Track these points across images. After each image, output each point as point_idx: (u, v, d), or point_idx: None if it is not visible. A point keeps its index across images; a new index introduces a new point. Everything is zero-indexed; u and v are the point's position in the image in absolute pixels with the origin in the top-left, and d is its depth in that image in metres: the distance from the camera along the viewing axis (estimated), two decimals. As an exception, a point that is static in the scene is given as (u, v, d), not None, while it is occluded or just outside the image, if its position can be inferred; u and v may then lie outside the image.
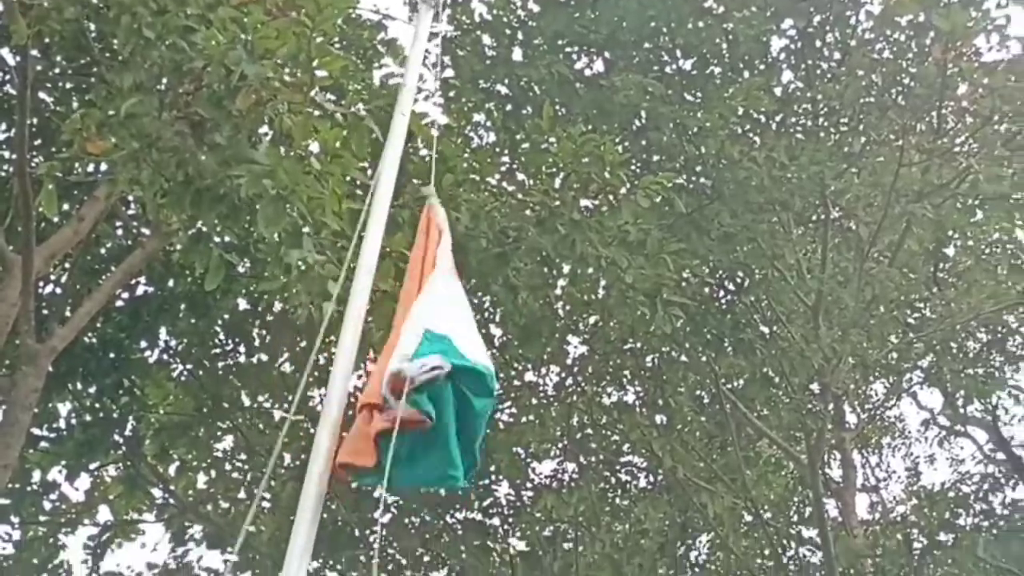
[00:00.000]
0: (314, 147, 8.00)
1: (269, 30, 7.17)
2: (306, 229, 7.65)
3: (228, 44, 7.02)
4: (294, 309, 8.52)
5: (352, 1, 9.80)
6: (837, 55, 13.04)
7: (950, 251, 14.79)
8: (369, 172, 7.91)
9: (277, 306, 12.85)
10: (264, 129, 8.12)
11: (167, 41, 7.32)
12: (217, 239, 9.48)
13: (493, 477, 14.44)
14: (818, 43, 12.90)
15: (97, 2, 8.17)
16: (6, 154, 12.01)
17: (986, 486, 17.83)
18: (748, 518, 14.71)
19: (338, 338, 4.16)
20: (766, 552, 15.22)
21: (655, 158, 12.82)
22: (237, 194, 7.45)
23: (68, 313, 11.27)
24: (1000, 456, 17.82)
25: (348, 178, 7.98)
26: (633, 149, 12.25)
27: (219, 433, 14.28)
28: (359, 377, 7.07)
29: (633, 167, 11.84)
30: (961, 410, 17.35)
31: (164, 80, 7.68)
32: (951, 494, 17.76)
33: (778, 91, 13.00)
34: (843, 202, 12.67)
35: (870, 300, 12.83)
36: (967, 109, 12.74)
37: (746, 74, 12.90)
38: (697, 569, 16.52)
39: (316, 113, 7.74)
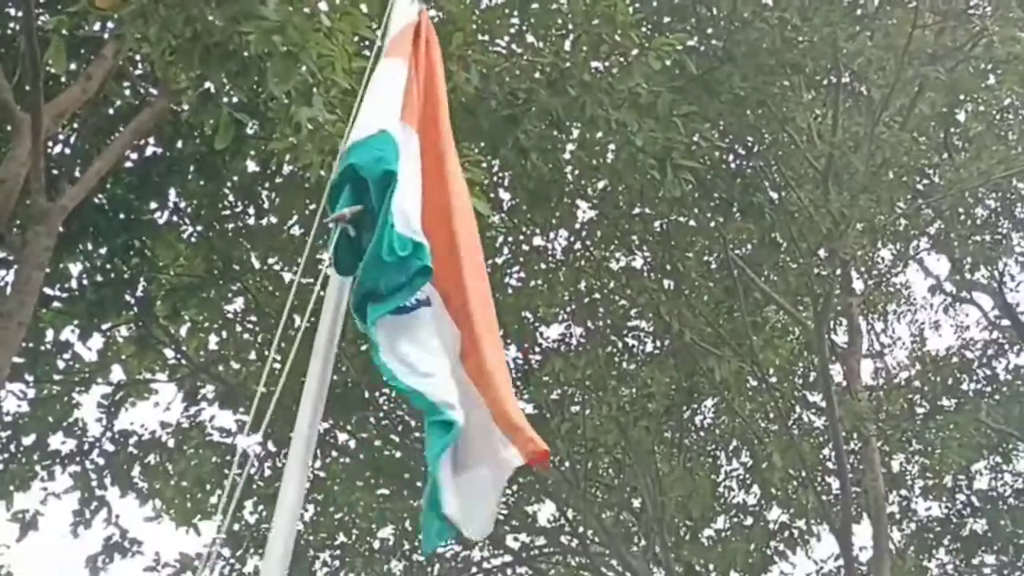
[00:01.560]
0: (323, 5, 7.94)
1: None
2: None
3: None
4: (304, 170, 8.49)
5: None
6: (853, -87, 12.72)
7: (961, 116, 14.71)
8: (378, 31, 7.86)
9: (287, 168, 12.83)
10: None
11: None
12: (226, 99, 9.46)
13: (502, 341, 14.51)
14: (834, -100, 12.56)
15: None
16: (12, 11, 11.90)
17: (990, 352, 18.10)
18: (754, 382, 14.83)
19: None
20: (771, 416, 15.40)
21: (666, 19, 12.64)
22: (246, 51, 7.42)
23: (78, 173, 11.27)
24: (1005, 322, 18.00)
25: (357, 37, 7.93)
26: (644, 10, 12.03)
27: (230, 295, 14.37)
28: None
29: (644, 28, 11.63)
30: (968, 276, 17.46)
31: (171, -67, 7.49)
32: (955, 360, 17.99)
33: (792, -50, 12.74)
34: (855, 65, 12.55)
35: (880, 165, 12.76)
36: (984, -31, 12.61)
37: (760, -69, 12.63)
38: (702, 432, 16.75)
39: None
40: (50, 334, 13.64)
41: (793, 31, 11.63)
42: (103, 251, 12.99)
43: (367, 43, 8.55)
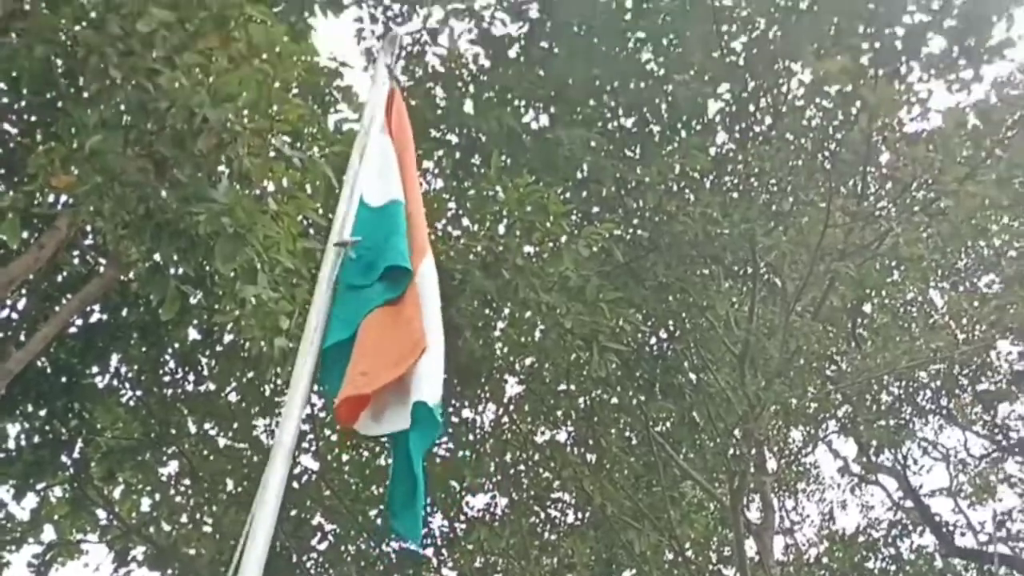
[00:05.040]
0: (270, 187, 8.38)
1: (232, 77, 7.44)
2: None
3: (192, 88, 7.23)
4: (245, 342, 8.80)
5: (312, 51, 10.28)
6: (769, 119, 13.37)
7: (868, 308, 15.34)
8: (323, 212, 8.30)
9: (227, 338, 13.08)
10: (223, 168, 8.36)
11: (133, 82, 7.47)
12: (173, 271, 9.81)
13: (429, 509, 14.68)
14: (752, 108, 13.23)
15: (66, 41, 8.21)
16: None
17: (895, 532, 18.57)
18: (671, 556, 15.01)
19: (293, 369, 4.28)
20: (687, 590, 15.59)
21: (595, 209, 13.20)
22: (196, 230, 7.74)
23: (24, 337, 11.47)
24: (908, 504, 18.55)
25: (302, 218, 8.36)
26: (575, 200, 12.44)
27: (164, 458, 14.49)
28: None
29: (575, 217, 12.10)
30: (873, 459, 18.04)
31: (128, 118, 7.80)
32: (861, 539, 18.46)
33: (713, 151, 13.28)
34: (771, 258, 13.09)
35: (793, 352, 13.24)
36: (889, 175, 13.20)
37: (683, 133, 13.21)
38: (621, 604, 16.87)
39: (273, 155, 8.10)
40: (-16, 493, 13.68)
41: (714, 225, 12.13)
42: (43, 413, 13.05)
43: (312, 224, 9.04)
